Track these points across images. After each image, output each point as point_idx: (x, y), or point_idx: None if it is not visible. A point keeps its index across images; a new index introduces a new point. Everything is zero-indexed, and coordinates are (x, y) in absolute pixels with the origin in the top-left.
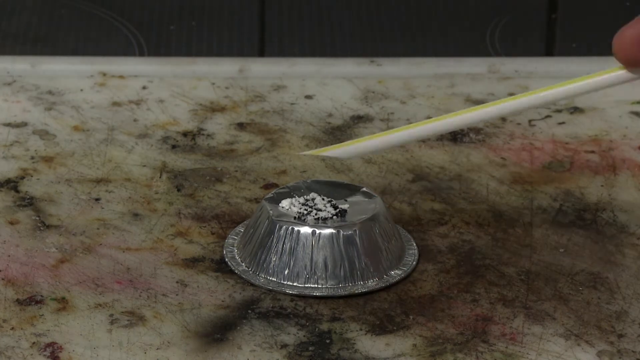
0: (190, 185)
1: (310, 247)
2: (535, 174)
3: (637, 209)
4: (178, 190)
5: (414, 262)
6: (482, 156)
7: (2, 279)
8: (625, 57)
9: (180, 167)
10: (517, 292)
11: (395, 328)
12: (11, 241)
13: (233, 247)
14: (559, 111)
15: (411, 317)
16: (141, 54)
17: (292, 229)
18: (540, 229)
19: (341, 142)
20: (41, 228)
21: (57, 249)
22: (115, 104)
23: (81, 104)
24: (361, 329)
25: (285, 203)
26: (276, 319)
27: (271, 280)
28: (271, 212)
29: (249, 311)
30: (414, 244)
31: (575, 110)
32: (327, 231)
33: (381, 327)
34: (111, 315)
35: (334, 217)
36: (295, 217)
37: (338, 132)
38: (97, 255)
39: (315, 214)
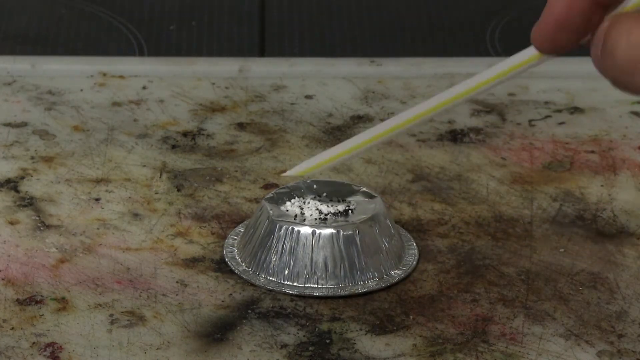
0: (190, 185)
1: (310, 247)
2: (535, 174)
3: (637, 209)
4: (178, 190)
5: (414, 262)
6: (482, 156)
7: (2, 279)
8: (542, 46)
9: (180, 167)
10: (517, 292)
11: (395, 328)
12: (11, 241)
13: (233, 247)
14: (559, 111)
15: (411, 317)
16: (141, 54)
17: (292, 229)
18: (540, 229)
19: (341, 142)
20: (41, 228)
21: (57, 249)
22: (115, 104)
23: (81, 104)
24: (361, 329)
25: (287, 204)
26: (276, 319)
27: (271, 280)
28: (271, 212)
29: (249, 311)
30: (414, 244)
31: (575, 110)
32: (327, 231)
33: (381, 327)
34: (111, 315)
35: (338, 214)
36: (295, 217)
37: (338, 132)
38: (97, 255)
39: (319, 213)
